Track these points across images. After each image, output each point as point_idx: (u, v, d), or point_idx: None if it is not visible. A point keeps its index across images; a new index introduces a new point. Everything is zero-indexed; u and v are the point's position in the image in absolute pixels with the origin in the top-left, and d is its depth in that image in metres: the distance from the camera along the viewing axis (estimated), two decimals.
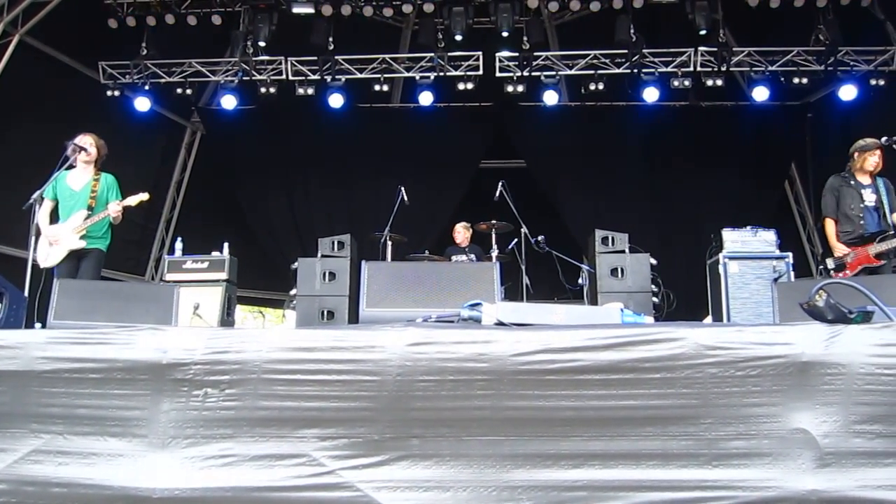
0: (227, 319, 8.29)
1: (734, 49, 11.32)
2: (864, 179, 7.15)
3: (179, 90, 11.88)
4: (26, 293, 6.16)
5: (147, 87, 11.70)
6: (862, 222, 7.00)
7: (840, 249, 7.00)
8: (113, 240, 6.95)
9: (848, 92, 11.12)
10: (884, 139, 6.59)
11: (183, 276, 8.30)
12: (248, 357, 2.78)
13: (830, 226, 7.17)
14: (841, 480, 2.55)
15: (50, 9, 10.45)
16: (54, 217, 6.75)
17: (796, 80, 11.20)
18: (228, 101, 11.97)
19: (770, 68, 11.31)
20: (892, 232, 6.88)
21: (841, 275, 6.87)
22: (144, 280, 13.43)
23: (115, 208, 6.60)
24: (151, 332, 2.91)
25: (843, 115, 11.43)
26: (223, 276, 8.37)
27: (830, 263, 7.13)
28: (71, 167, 6.78)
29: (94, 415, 2.79)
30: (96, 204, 6.68)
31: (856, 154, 7.18)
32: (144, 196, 6.83)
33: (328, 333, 2.85)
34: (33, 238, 6.38)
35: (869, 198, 7.05)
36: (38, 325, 6.06)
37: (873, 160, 7.10)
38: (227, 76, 11.96)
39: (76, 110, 10.99)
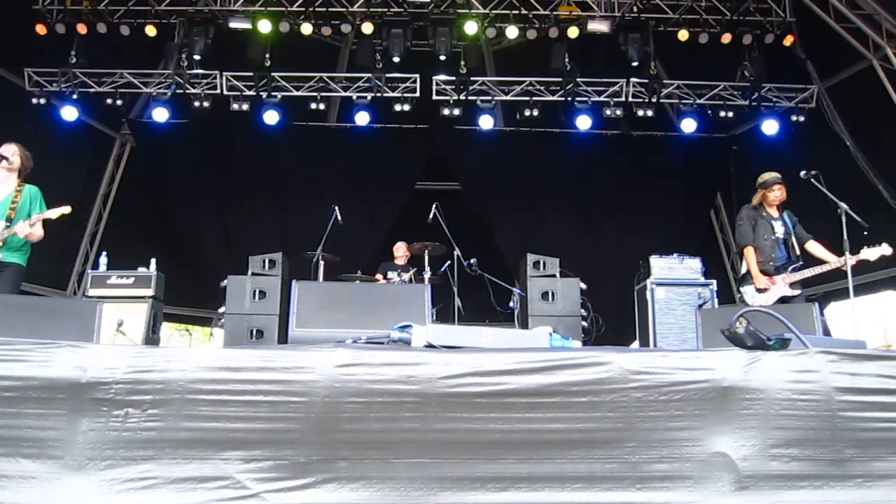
0: (152, 337, 8.06)
1: (664, 81, 11.68)
2: (773, 212, 7.45)
3: (109, 101, 11.55)
4: None
5: (75, 97, 11.35)
6: (774, 254, 7.26)
7: (762, 280, 7.17)
8: (33, 253, 6.69)
9: (770, 126, 11.57)
10: (802, 173, 6.85)
11: (107, 292, 8.04)
12: (172, 376, 2.72)
13: (751, 253, 7.29)
14: (758, 502, 2.62)
15: None
16: None
17: (722, 114, 11.63)
18: (160, 114, 11.73)
19: (698, 101, 11.70)
20: (801, 263, 7.18)
21: (760, 302, 7.09)
22: (66, 295, 13.00)
23: (23, 229, 6.29)
24: (71, 350, 2.82)
25: (766, 147, 11.85)
26: (149, 292, 8.14)
27: (749, 291, 7.31)
28: None
29: (6, 435, 2.68)
30: (16, 215, 6.41)
31: (758, 190, 7.47)
32: (66, 209, 6.57)
33: (256, 353, 2.82)
34: None
35: (779, 230, 7.34)
36: None
37: (773, 195, 7.38)
38: (159, 88, 11.74)
39: None
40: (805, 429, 2.70)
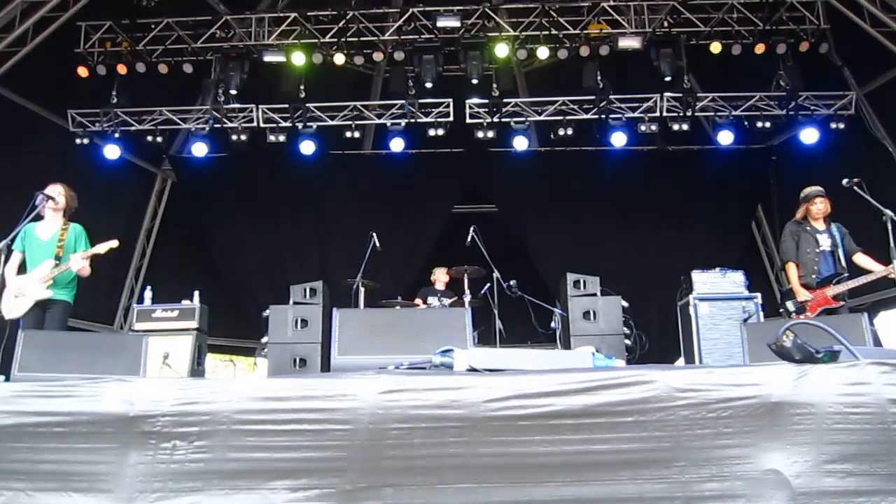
0: (197, 369, 8.16)
1: (699, 95, 11.58)
2: (819, 225, 7.41)
3: (150, 138, 11.83)
4: None
5: (117, 135, 11.64)
6: (816, 266, 7.24)
7: (802, 294, 7.20)
8: (80, 289, 6.84)
9: (809, 135, 11.38)
10: (844, 181, 6.73)
11: (152, 325, 8.18)
12: (217, 408, 2.74)
13: (792, 269, 7.36)
14: None
15: (19, 57, 10.43)
16: (22, 269, 6.64)
17: (759, 125, 11.47)
18: (199, 149, 11.95)
19: (734, 113, 11.57)
20: (846, 275, 7.11)
21: (802, 317, 7.01)
22: (113, 330, 13.23)
23: (77, 263, 6.48)
24: (118, 384, 2.87)
25: (805, 157, 11.67)
26: (193, 324, 8.26)
27: (791, 306, 7.33)
28: (39, 217, 6.70)
29: (58, 470, 2.72)
30: (63, 253, 6.59)
31: (801, 204, 7.49)
32: (114, 243, 6.75)
33: (299, 382, 2.83)
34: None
35: (824, 242, 7.31)
36: (0, 377, 5.93)
37: (815, 208, 7.38)
38: (198, 124, 11.97)
39: (44, 158, 10.91)
40: (860, 443, 2.62)
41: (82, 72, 11.01)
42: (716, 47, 10.76)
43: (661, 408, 2.67)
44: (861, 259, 7.20)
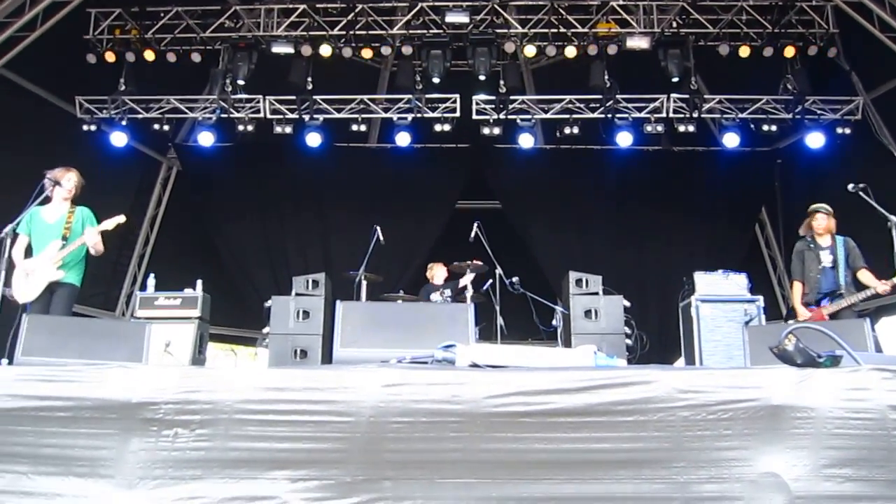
0: (198, 357, 8.17)
1: (706, 96, 11.54)
2: (824, 241, 7.48)
3: (157, 126, 11.84)
4: None
5: (124, 123, 11.64)
6: (817, 284, 7.36)
7: (801, 313, 7.33)
8: (86, 274, 6.86)
9: (815, 139, 11.34)
10: (850, 186, 6.72)
11: (155, 313, 8.18)
12: (219, 397, 2.75)
13: (797, 288, 7.54)
14: None
15: (28, 42, 10.45)
16: (28, 252, 6.66)
17: (766, 128, 11.44)
18: (205, 138, 11.94)
19: (740, 115, 11.54)
20: (841, 292, 7.17)
21: None
22: (115, 316, 13.25)
23: (92, 237, 6.53)
24: (121, 371, 2.88)
25: (811, 161, 11.64)
26: (196, 313, 8.26)
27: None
28: (46, 200, 6.71)
29: (59, 454, 2.73)
30: (70, 235, 6.62)
31: (806, 218, 7.64)
32: (121, 219, 6.78)
33: (301, 373, 2.84)
34: (3, 273, 6.27)
35: (826, 259, 7.38)
36: (4, 361, 5.95)
37: (816, 223, 7.50)
38: (204, 113, 11.97)
39: (51, 144, 10.92)
40: (859, 448, 2.62)
41: (91, 59, 11.03)
42: (724, 49, 10.74)
43: (661, 408, 2.68)
44: (863, 276, 7.24)
